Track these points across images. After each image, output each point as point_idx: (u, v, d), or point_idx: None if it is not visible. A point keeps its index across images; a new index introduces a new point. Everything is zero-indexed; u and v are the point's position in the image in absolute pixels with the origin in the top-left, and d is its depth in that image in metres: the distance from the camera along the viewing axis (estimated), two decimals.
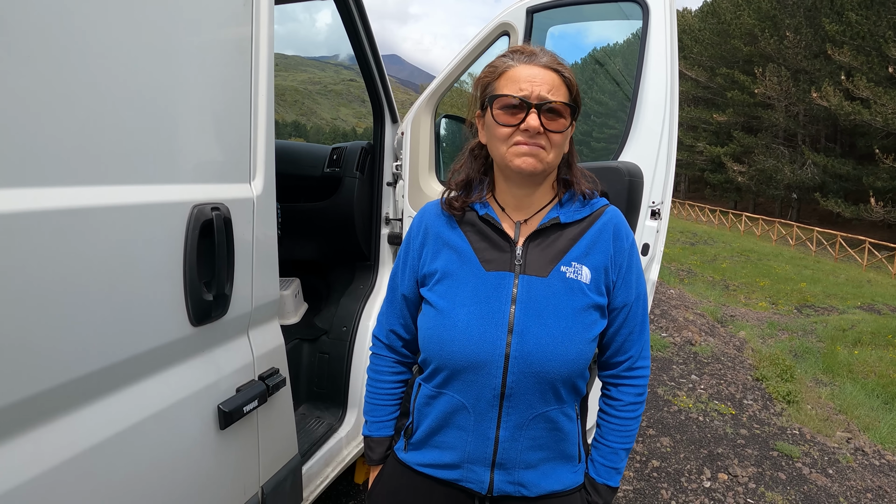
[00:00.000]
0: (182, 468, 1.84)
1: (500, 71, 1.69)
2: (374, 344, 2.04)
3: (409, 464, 1.87)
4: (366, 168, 3.75)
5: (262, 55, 2.08)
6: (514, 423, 1.70)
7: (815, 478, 5.26)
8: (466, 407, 1.71)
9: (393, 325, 1.96)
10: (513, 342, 1.64)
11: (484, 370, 1.65)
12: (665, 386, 7.26)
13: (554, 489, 1.79)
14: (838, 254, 34.72)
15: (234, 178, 2.00)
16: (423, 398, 1.82)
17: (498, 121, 1.65)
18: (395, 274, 1.94)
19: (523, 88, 1.62)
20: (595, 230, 1.77)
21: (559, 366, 1.65)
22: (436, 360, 1.73)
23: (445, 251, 1.77)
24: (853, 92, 39.04)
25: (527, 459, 1.74)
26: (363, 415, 2.04)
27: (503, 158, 1.67)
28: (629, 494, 4.71)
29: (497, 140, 1.68)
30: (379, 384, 1.99)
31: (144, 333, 1.66)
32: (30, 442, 1.37)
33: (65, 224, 1.38)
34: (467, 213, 1.79)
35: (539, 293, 1.67)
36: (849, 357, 10.92)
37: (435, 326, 1.72)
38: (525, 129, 1.61)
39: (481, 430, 1.71)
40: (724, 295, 17.98)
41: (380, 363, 2.00)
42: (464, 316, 1.67)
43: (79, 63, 1.41)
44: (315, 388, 3.75)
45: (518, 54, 1.70)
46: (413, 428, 1.86)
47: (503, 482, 1.75)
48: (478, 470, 1.75)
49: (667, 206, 2.89)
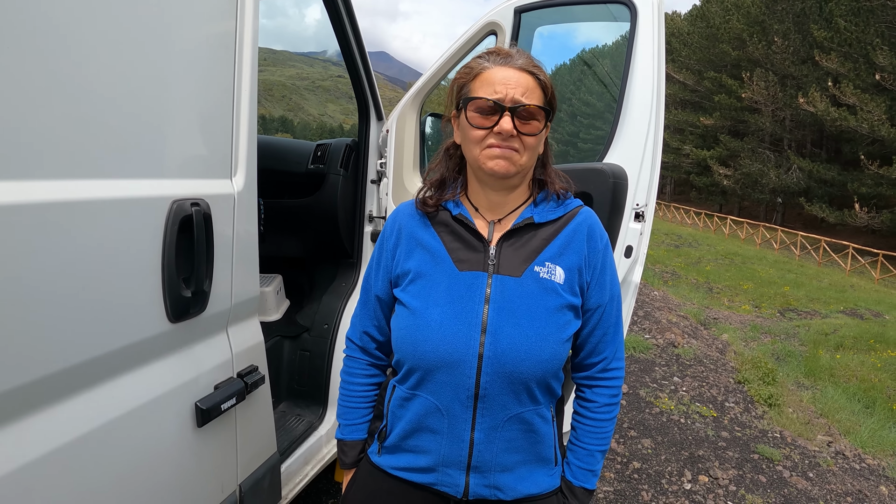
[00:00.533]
0: (159, 466, 1.82)
1: (476, 73, 1.69)
2: (347, 346, 2.03)
3: (383, 467, 1.86)
4: (350, 165, 3.74)
5: (246, 50, 2.06)
6: (488, 425, 1.69)
7: (796, 481, 5.29)
8: (440, 409, 1.70)
9: (366, 326, 1.95)
10: (486, 342, 1.64)
11: (457, 370, 1.65)
12: (647, 388, 7.28)
13: (530, 492, 1.78)
14: (822, 258, 34.98)
15: (215, 173, 1.98)
16: (396, 400, 1.81)
17: (472, 123, 1.65)
18: (368, 275, 1.94)
19: (497, 91, 1.62)
20: (569, 230, 1.77)
21: (532, 366, 1.65)
22: (409, 360, 1.72)
23: (419, 251, 1.77)
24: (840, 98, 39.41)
25: (502, 462, 1.73)
26: (337, 417, 2.03)
27: (476, 160, 1.67)
28: (610, 496, 4.71)
29: (470, 142, 1.68)
30: (352, 386, 1.98)
31: (121, 329, 1.64)
32: (3, 438, 1.35)
33: (42, 218, 1.36)
34: (441, 212, 1.79)
35: (512, 293, 1.67)
36: (831, 361, 10.98)
37: (408, 327, 1.71)
38: (498, 132, 1.61)
39: (456, 433, 1.70)
40: (708, 297, 18.05)
41: (353, 365, 1.99)
42: (437, 316, 1.67)
43: (60, 58, 1.39)
44: (296, 385, 3.74)
45: (494, 56, 1.70)
46: (387, 431, 1.85)
47: (479, 485, 1.74)
48: (453, 473, 1.74)
49: (651, 209, 2.89)
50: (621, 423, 6.11)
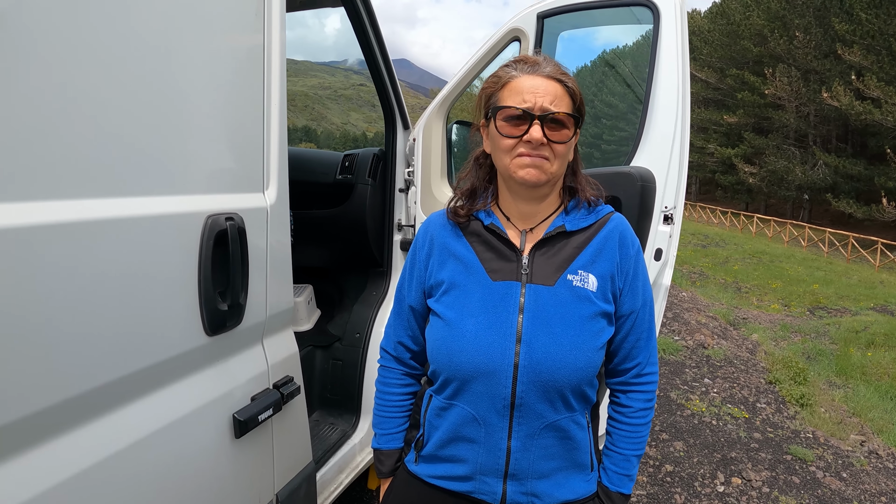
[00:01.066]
0: (198, 477, 1.85)
1: (504, 81, 1.69)
2: (381, 356, 2.04)
3: (420, 476, 1.86)
4: (378, 174, 3.76)
5: (274, 63, 2.08)
6: (524, 433, 1.69)
7: (829, 481, 5.23)
8: (477, 418, 1.70)
9: (401, 336, 1.95)
10: (521, 351, 1.64)
11: (493, 380, 1.65)
12: (678, 390, 7.24)
13: (567, 499, 1.79)
14: (850, 255, 34.53)
15: (248, 187, 2.01)
16: (433, 410, 1.82)
17: (501, 132, 1.65)
18: (401, 285, 1.95)
19: (526, 100, 1.62)
20: (601, 238, 1.77)
21: (568, 374, 1.65)
22: (445, 371, 1.73)
23: (451, 262, 1.77)
24: (864, 91, 38.92)
25: (539, 469, 1.73)
26: (372, 427, 2.04)
27: (507, 169, 1.68)
28: (643, 499, 4.69)
29: (500, 151, 1.68)
30: (388, 396, 1.99)
31: (160, 344, 1.66)
32: (47, 453, 1.38)
33: (81, 236, 1.39)
34: (472, 222, 1.79)
35: (546, 302, 1.67)
36: (862, 359, 10.85)
37: (443, 338, 1.72)
38: (528, 141, 1.61)
39: (493, 442, 1.70)
40: (737, 297, 17.90)
41: (388, 375, 2.00)
42: (472, 326, 1.67)
43: (92, 77, 1.42)
44: (328, 394, 3.76)
45: (521, 64, 1.70)
46: (424, 440, 1.86)
47: (516, 493, 1.74)
48: (490, 482, 1.74)
49: (679, 211, 2.88)
50: (652, 425, 6.07)
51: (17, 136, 1.25)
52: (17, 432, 1.30)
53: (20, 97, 1.25)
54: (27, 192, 1.28)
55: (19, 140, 1.25)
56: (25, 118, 1.26)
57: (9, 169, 1.24)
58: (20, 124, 1.25)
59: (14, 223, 1.24)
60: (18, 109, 1.25)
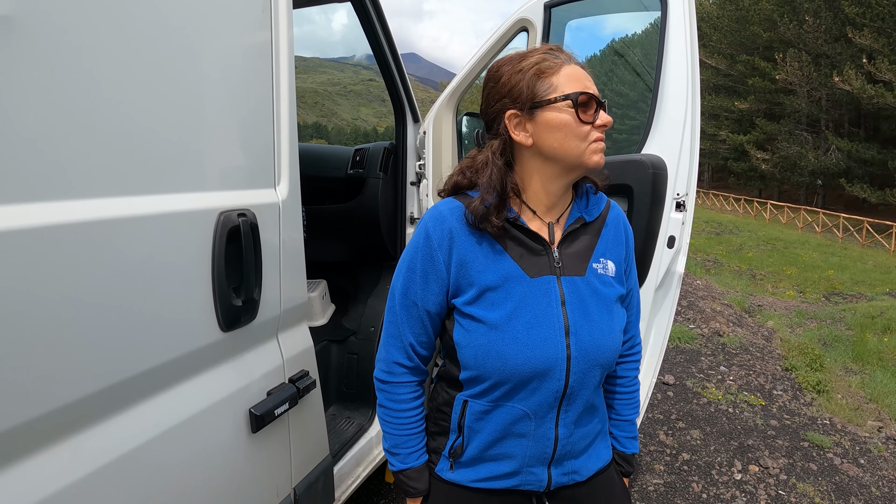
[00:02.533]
0: (215, 472, 1.86)
1: (555, 69, 1.63)
2: (390, 372, 1.83)
3: (459, 483, 1.82)
4: (389, 168, 3.77)
5: (282, 60, 2.09)
6: (570, 420, 1.73)
7: (847, 468, 5.21)
8: (528, 414, 1.69)
9: (415, 344, 1.80)
10: (571, 343, 1.65)
11: (550, 376, 1.65)
12: (694, 378, 7.22)
13: (598, 467, 1.88)
14: (865, 240, 34.28)
15: (260, 183, 2.02)
16: (473, 415, 1.75)
17: (582, 118, 1.61)
18: (409, 287, 1.75)
19: (588, 86, 1.62)
20: (610, 224, 1.83)
21: (609, 357, 1.72)
22: (495, 375, 1.66)
23: (483, 261, 1.68)
24: (875, 75, 38.69)
25: (578, 448, 1.79)
26: (388, 449, 1.87)
27: (581, 156, 1.63)
28: (660, 488, 4.69)
29: (575, 138, 1.62)
30: (405, 413, 1.84)
31: (176, 340, 1.68)
32: (66, 449, 1.40)
33: (95, 235, 1.40)
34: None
35: (583, 292, 1.69)
36: (878, 345, 10.77)
37: (491, 342, 1.64)
38: (601, 125, 1.63)
39: (542, 433, 1.71)
40: (751, 284, 17.83)
41: (401, 392, 1.83)
42: (521, 326, 1.64)
43: (102, 76, 1.43)
44: (344, 388, 3.77)
45: (559, 52, 1.67)
46: (463, 446, 1.79)
47: (559, 475, 1.79)
48: (537, 471, 1.76)
49: (692, 198, 2.87)
50: (669, 414, 6.07)
51: (31, 139, 1.26)
52: (37, 430, 1.32)
53: (33, 99, 1.26)
54: (44, 192, 1.29)
55: (33, 142, 1.26)
56: (38, 120, 1.27)
57: (25, 171, 1.25)
58: (33, 126, 1.26)
59: (32, 224, 1.25)
60: (31, 111, 1.26)
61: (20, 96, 1.23)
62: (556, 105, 1.62)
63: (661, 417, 5.98)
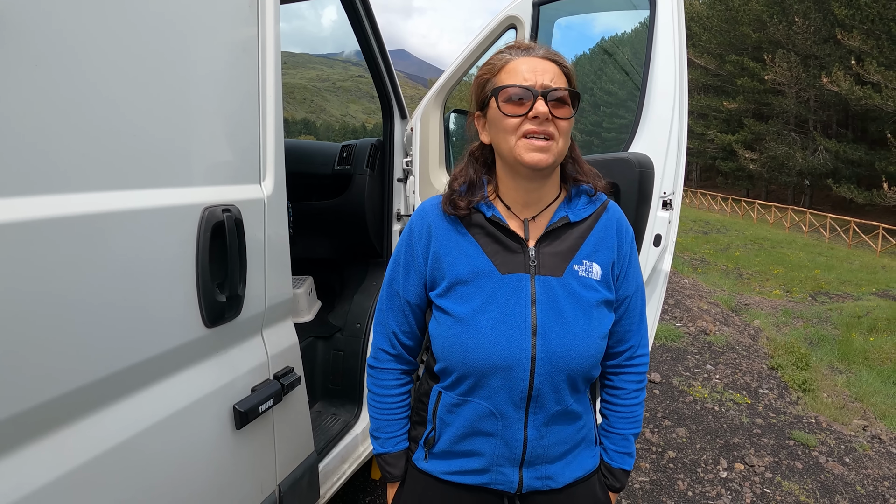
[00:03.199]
0: (199, 468, 1.85)
1: (500, 66, 1.68)
2: (375, 358, 1.95)
3: (432, 473, 1.85)
4: (376, 165, 3.76)
5: (268, 55, 2.08)
6: (540, 422, 1.71)
7: (832, 466, 5.24)
8: (494, 413, 1.70)
9: (398, 333, 1.89)
10: (537, 344, 1.64)
11: (511, 374, 1.65)
12: (680, 376, 7.24)
13: (577, 476, 1.83)
14: (852, 240, 34.47)
15: (245, 178, 2.01)
16: (445, 407, 1.79)
17: (505, 112, 1.62)
18: (393, 279, 1.87)
19: (527, 78, 1.61)
20: (601, 226, 1.78)
21: (581, 363, 1.67)
22: (459, 368, 1.70)
23: (456, 255, 1.73)
24: (864, 76, 38.81)
25: (553, 454, 1.76)
26: (371, 432, 1.98)
27: (512, 152, 1.64)
28: (646, 486, 4.70)
29: (505, 133, 1.65)
30: (388, 399, 1.93)
31: (159, 336, 1.67)
32: (49, 445, 1.39)
33: (78, 230, 1.39)
34: (474, 215, 1.75)
35: (557, 293, 1.67)
36: (864, 344, 10.85)
37: (456, 335, 1.68)
38: (534, 117, 1.59)
39: (510, 434, 1.71)
40: (738, 283, 17.90)
41: (385, 378, 1.93)
42: (486, 321, 1.65)
43: (86, 69, 1.41)
44: (330, 385, 3.77)
45: (515, 49, 1.70)
46: (435, 437, 1.83)
47: (531, 479, 1.76)
48: (506, 471, 1.75)
49: (678, 197, 2.87)
50: (655, 412, 6.09)
51: (16, 133, 1.25)
52: (18, 425, 1.31)
53: (14, 95, 1.25)
54: (27, 186, 1.28)
55: (18, 136, 1.25)
56: (20, 115, 1.26)
57: (9, 164, 1.24)
58: (15, 121, 1.25)
59: (15, 218, 1.24)
60: (12, 106, 1.24)
61: (2, 90, 1.22)
62: (491, 102, 1.66)
63: (647, 415, 5.99)
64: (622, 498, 4.48)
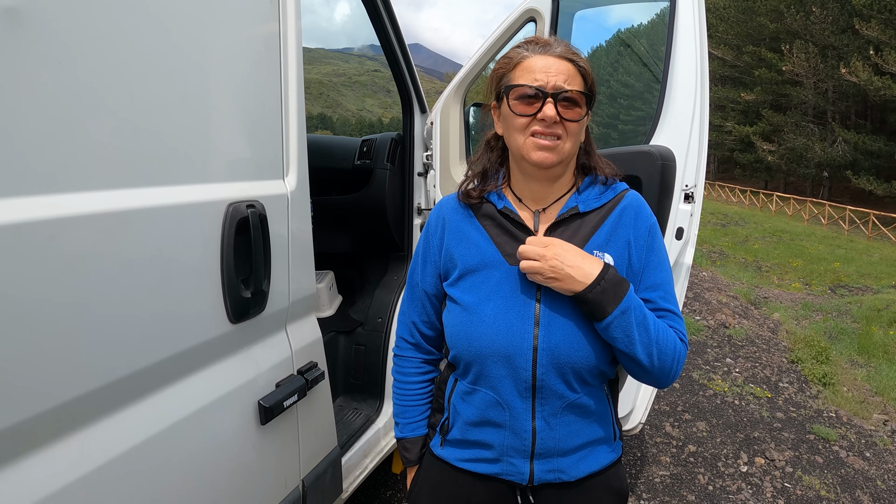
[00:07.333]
0: (224, 464, 1.86)
1: (515, 62, 1.68)
2: (398, 346, 2.03)
3: (447, 460, 1.87)
4: (396, 159, 3.76)
5: (290, 51, 2.08)
6: (547, 414, 1.69)
7: (853, 461, 5.21)
8: (500, 402, 1.70)
9: (417, 323, 1.94)
10: (539, 335, 1.64)
11: (513, 363, 1.65)
12: (700, 370, 7.21)
13: (592, 470, 1.80)
14: (871, 232, 34.18)
15: (268, 174, 2.01)
16: (458, 394, 1.82)
17: (514, 111, 1.64)
18: (413, 270, 1.94)
19: (538, 79, 1.61)
20: (615, 216, 1.74)
21: (586, 356, 1.65)
22: (465, 355, 1.72)
23: (466, 246, 1.76)
24: (882, 67, 38.47)
25: (564, 447, 1.74)
26: (393, 417, 2.04)
27: (520, 150, 1.66)
28: (666, 480, 4.69)
29: (514, 130, 1.67)
30: (408, 385, 1.99)
31: (185, 332, 1.68)
32: (77, 442, 1.39)
33: (104, 227, 1.39)
34: (485, 205, 1.78)
35: None
36: (884, 338, 10.74)
37: (462, 323, 1.71)
38: (542, 119, 1.60)
39: (517, 424, 1.71)
40: (757, 276, 17.78)
41: (406, 365, 2.00)
42: (490, 311, 1.67)
43: (111, 68, 1.42)
44: (352, 379, 3.78)
45: (532, 45, 1.69)
46: (449, 424, 1.86)
47: (543, 471, 1.75)
48: (517, 463, 1.75)
49: (700, 189, 2.86)
50: (675, 405, 6.07)
51: (43, 133, 1.25)
52: (46, 424, 1.31)
53: (40, 95, 1.25)
54: (54, 184, 1.28)
55: (45, 136, 1.26)
56: (47, 114, 1.27)
57: (36, 163, 1.24)
58: (41, 119, 1.25)
59: (43, 216, 1.25)
60: (39, 103, 1.25)
61: (27, 89, 1.22)
62: (507, 98, 1.67)
63: (667, 409, 5.98)
64: (643, 493, 4.47)
